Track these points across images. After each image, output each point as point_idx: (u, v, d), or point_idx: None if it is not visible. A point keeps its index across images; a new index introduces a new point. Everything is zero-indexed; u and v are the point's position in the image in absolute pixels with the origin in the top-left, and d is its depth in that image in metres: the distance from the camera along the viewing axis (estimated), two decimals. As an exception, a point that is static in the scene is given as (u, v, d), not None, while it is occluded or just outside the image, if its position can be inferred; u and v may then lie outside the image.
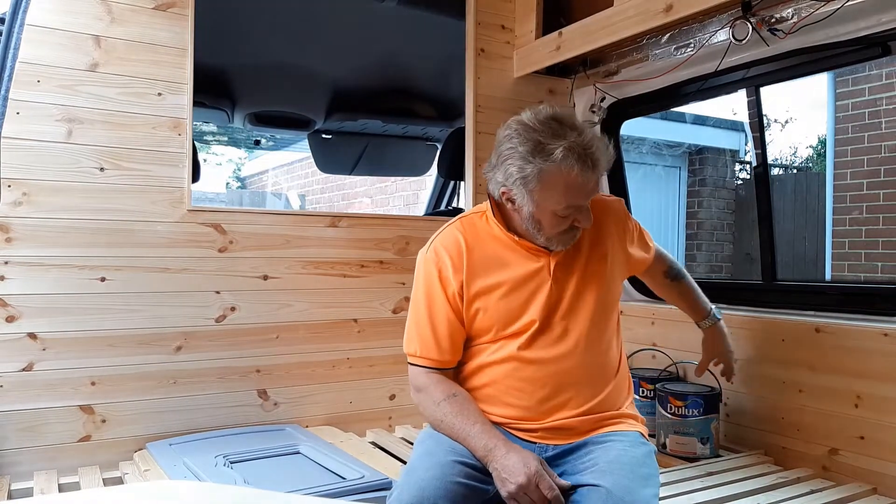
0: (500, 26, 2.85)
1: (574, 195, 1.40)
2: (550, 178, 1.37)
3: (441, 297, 1.51)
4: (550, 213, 1.42)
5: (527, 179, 1.39)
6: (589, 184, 1.39)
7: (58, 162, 2.06)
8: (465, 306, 1.50)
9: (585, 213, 1.45)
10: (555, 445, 1.47)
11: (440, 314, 1.51)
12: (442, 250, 1.52)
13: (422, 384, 1.52)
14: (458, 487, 1.31)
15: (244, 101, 3.17)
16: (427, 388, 1.50)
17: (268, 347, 2.37)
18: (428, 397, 1.49)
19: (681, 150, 7.18)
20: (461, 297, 1.49)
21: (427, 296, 1.53)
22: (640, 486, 1.33)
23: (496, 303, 1.48)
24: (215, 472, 1.85)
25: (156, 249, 2.19)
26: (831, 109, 5.61)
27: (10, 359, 2.00)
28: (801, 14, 1.98)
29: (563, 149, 1.35)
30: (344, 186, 7.51)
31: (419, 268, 1.57)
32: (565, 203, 1.40)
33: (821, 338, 2.12)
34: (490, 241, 1.53)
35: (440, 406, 1.46)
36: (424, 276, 1.54)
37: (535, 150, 1.38)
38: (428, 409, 1.49)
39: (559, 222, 1.43)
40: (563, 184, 1.37)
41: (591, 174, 1.38)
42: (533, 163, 1.37)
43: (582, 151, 1.36)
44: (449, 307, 1.50)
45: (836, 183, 5.53)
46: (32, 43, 2.00)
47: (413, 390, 1.56)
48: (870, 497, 1.90)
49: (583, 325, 1.50)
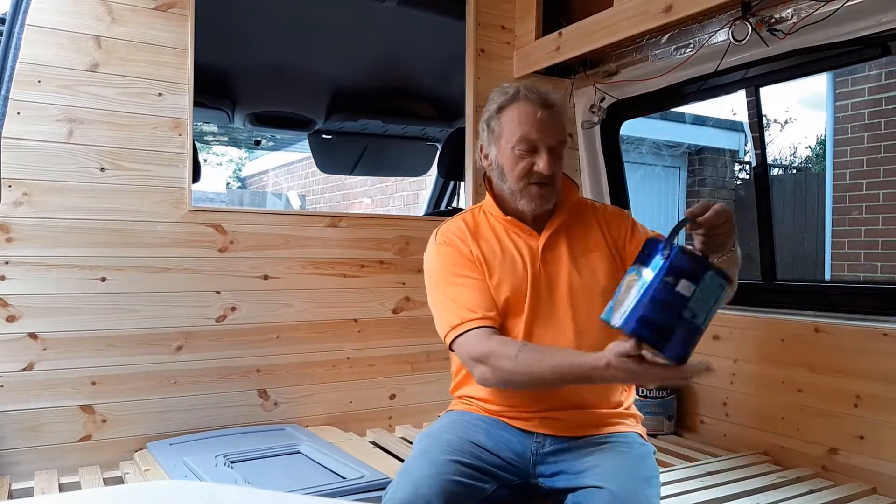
0: (500, 26, 2.85)
1: (526, 127, 1.48)
2: (506, 114, 1.52)
3: (462, 264, 1.52)
4: (509, 152, 1.50)
5: (490, 120, 1.55)
6: (539, 116, 1.48)
7: (58, 162, 2.06)
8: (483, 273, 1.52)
9: (543, 157, 1.48)
10: (552, 438, 1.47)
11: (464, 280, 1.51)
12: (449, 233, 1.59)
13: (482, 351, 1.40)
14: (453, 486, 1.31)
15: (245, 101, 3.17)
16: (492, 351, 1.39)
17: (268, 347, 2.37)
18: (500, 357, 1.37)
19: (680, 151, 7.19)
20: (477, 261, 1.53)
21: (444, 274, 1.54)
22: (642, 487, 1.33)
23: (502, 274, 1.51)
24: (216, 472, 1.85)
25: (156, 249, 2.19)
26: (831, 109, 5.61)
27: (10, 359, 2.00)
28: (800, 14, 1.98)
29: (517, 87, 1.54)
30: (344, 186, 7.51)
31: (430, 257, 1.59)
32: (519, 133, 1.48)
33: (821, 338, 2.12)
34: (486, 226, 1.59)
35: (520, 356, 1.36)
36: (435, 261, 1.57)
37: (498, 97, 1.55)
38: (506, 368, 1.37)
39: (517, 162, 1.50)
40: (517, 115, 1.50)
41: (541, 109, 1.49)
42: (495, 105, 1.54)
43: (533, 88, 1.52)
44: (472, 267, 1.52)
45: (835, 183, 5.53)
46: (33, 43, 2.00)
47: (475, 366, 1.42)
48: (869, 497, 1.90)
49: (576, 314, 1.51)
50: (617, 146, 2.99)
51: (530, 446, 1.47)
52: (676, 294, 1.15)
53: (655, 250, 1.19)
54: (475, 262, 1.53)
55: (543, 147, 1.48)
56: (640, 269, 1.20)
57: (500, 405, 1.51)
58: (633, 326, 1.16)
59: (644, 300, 1.15)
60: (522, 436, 1.48)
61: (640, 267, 1.20)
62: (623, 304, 1.18)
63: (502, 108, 1.53)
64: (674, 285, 1.15)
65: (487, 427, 1.49)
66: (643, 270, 1.18)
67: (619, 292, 1.21)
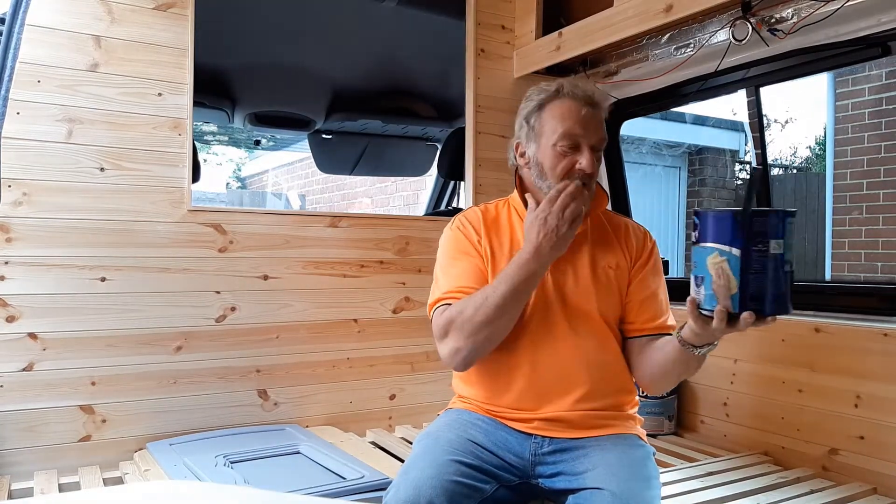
0: (500, 26, 2.85)
1: (570, 123, 1.46)
2: (548, 110, 1.49)
3: (468, 247, 1.53)
4: (550, 150, 1.47)
5: (530, 117, 1.52)
6: (583, 113, 1.46)
7: (58, 162, 2.06)
8: (484, 261, 1.53)
9: (585, 155, 1.46)
10: (551, 439, 1.47)
11: (465, 262, 1.52)
12: (464, 217, 1.60)
13: (445, 319, 1.42)
14: (454, 486, 1.31)
15: (244, 101, 3.17)
16: (450, 315, 1.41)
17: (268, 347, 2.37)
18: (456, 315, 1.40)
19: (681, 150, 7.19)
20: (483, 252, 1.53)
21: (449, 252, 1.56)
22: (642, 488, 1.33)
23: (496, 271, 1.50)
24: (215, 472, 1.85)
25: (156, 249, 2.19)
26: (831, 109, 5.61)
27: (10, 359, 2.00)
28: (800, 14, 1.98)
29: (559, 83, 1.51)
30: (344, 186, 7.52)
31: (441, 240, 1.61)
32: (562, 130, 1.46)
33: (821, 338, 2.12)
34: (505, 220, 1.59)
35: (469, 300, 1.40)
36: (446, 241, 1.59)
37: (538, 94, 1.53)
38: (464, 317, 1.39)
39: (559, 160, 1.47)
40: (560, 111, 1.47)
41: (585, 106, 1.47)
42: (536, 101, 1.52)
43: (577, 85, 1.50)
44: (475, 253, 1.53)
45: (835, 183, 5.54)
46: (32, 43, 2.00)
47: (442, 340, 1.43)
48: (870, 497, 1.90)
49: (582, 317, 1.50)
50: (617, 146, 2.99)
51: (529, 447, 1.47)
52: (772, 256, 1.15)
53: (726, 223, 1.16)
54: (477, 247, 1.53)
55: (586, 145, 1.46)
56: (720, 248, 1.16)
57: (500, 406, 1.51)
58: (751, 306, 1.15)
59: (749, 277, 1.14)
60: (521, 436, 1.48)
61: (718, 245, 1.17)
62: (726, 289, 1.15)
63: (543, 104, 1.50)
64: (766, 250, 1.14)
65: (486, 427, 1.49)
66: (726, 248, 1.16)
67: (709, 279, 1.17)
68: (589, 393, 1.49)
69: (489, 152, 2.80)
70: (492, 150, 2.80)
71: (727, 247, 1.16)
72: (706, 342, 1.29)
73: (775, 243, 1.15)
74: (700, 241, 1.19)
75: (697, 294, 1.20)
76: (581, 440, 1.47)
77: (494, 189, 2.78)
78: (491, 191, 2.77)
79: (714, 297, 1.17)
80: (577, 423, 1.48)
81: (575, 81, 1.51)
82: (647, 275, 1.57)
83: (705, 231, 1.19)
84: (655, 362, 1.46)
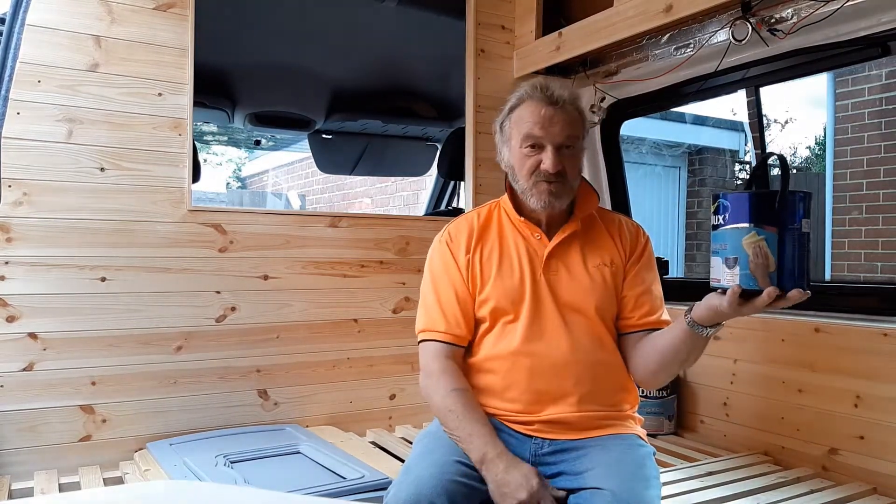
0: (500, 26, 2.85)
1: (529, 125, 1.47)
2: (515, 113, 1.52)
3: (451, 267, 1.55)
4: (518, 151, 1.51)
5: (503, 122, 1.56)
6: (544, 113, 1.47)
7: (58, 162, 2.06)
8: (471, 277, 1.54)
9: (548, 155, 1.47)
10: (551, 441, 1.47)
11: (447, 287, 1.54)
12: (453, 228, 1.61)
13: (432, 370, 1.50)
14: (455, 486, 1.31)
15: (244, 101, 3.18)
16: (436, 375, 1.48)
17: (268, 347, 2.37)
18: (437, 384, 1.47)
19: (681, 150, 7.19)
20: (469, 266, 1.54)
21: (434, 273, 1.58)
22: (642, 488, 1.33)
23: (495, 279, 1.52)
24: (215, 472, 1.85)
25: (156, 249, 2.19)
26: (831, 109, 5.61)
27: (10, 359, 2.00)
28: (800, 14, 1.98)
29: (527, 85, 1.53)
30: (344, 186, 7.52)
31: (430, 250, 1.62)
32: (525, 131, 1.48)
33: (821, 338, 2.12)
34: (496, 226, 1.60)
35: (447, 397, 1.45)
36: (433, 255, 1.60)
37: (510, 99, 1.56)
38: (435, 397, 1.47)
39: (524, 160, 1.50)
40: (522, 114, 1.50)
41: (547, 106, 1.47)
42: (507, 107, 1.56)
43: (542, 85, 1.50)
44: (458, 275, 1.54)
45: (835, 183, 5.54)
46: (33, 43, 2.00)
47: (422, 374, 1.52)
48: (869, 497, 1.90)
49: (578, 316, 1.50)
50: (617, 146, 2.99)
51: (529, 448, 1.47)
52: (804, 235, 1.18)
53: (764, 203, 1.18)
54: (462, 266, 1.54)
55: (550, 145, 1.47)
56: (757, 228, 1.18)
57: (500, 408, 1.50)
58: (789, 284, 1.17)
59: (786, 255, 1.17)
60: (521, 438, 1.48)
61: (753, 226, 1.18)
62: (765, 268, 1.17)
63: (513, 108, 1.53)
64: (799, 228, 1.18)
65: (486, 427, 1.49)
66: (763, 228, 1.18)
67: (744, 258, 1.18)
68: (588, 393, 1.49)
69: (489, 152, 2.77)
70: (492, 150, 2.72)
71: (765, 226, 1.18)
72: (718, 321, 1.31)
73: (805, 222, 1.19)
74: (731, 223, 1.21)
75: (729, 275, 1.21)
76: (581, 440, 1.46)
77: (494, 189, 2.77)
78: (491, 191, 2.77)
79: (751, 277, 1.18)
80: (578, 424, 1.48)
81: (544, 82, 1.52)
82: (642, 270, 1.58)
83: (740, 212, 1.20)
84: (654, 354, 1.47)
